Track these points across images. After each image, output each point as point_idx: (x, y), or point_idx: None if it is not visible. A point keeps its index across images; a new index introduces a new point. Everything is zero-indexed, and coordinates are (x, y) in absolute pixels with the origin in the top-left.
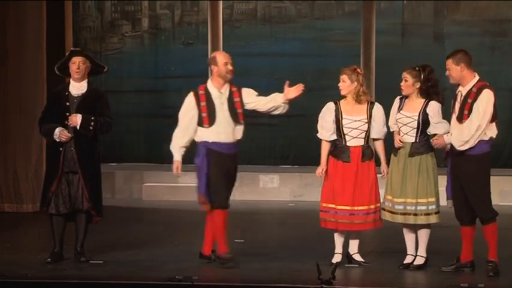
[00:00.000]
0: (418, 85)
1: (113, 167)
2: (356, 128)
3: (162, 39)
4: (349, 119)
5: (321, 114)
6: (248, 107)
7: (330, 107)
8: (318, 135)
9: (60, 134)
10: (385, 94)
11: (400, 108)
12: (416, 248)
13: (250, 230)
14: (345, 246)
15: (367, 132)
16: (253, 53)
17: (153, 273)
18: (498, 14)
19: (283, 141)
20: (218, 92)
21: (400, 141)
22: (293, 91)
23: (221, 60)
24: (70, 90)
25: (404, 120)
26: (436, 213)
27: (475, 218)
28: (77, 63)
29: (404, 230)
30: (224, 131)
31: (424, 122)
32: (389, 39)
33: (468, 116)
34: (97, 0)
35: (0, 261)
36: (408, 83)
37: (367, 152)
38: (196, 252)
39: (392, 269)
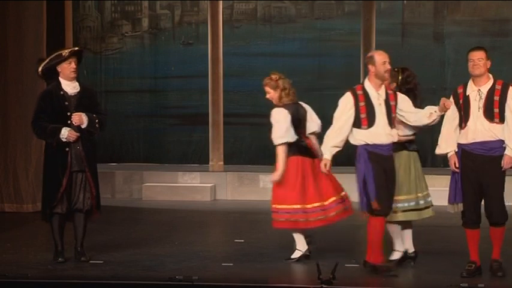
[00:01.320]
0: (393, 85)
1: (113, 167)
2: None
3: (162, 39)
4: None
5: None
6: (401, 113)
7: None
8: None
9: (68, 134)
10: None
11: None
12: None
13: (250, 230)
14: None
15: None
16: (253, 53)
17: (153, 273)
18: (498, 14)
19: None
20: (376, 92)
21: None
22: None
23: (380, 59)
24: (65, 89)
25: None
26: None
27: (480, 221)
28: (73, 63)
29: (390, 227)
30: (383, 132)
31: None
32: (389, 39)
33: (499, 114)
34: (97, 0)
35: (0, 261)
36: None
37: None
38: (196, 251)
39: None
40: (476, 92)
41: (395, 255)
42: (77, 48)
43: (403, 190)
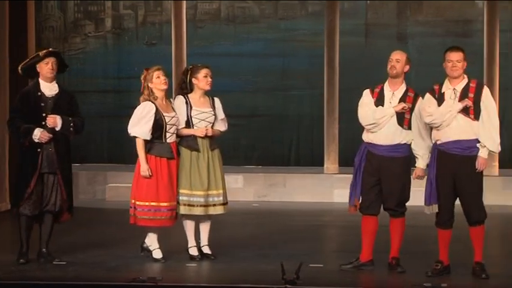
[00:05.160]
0: None
1: (77, 167)
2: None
3: (126, 40)
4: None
5: None
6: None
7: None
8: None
9: (41, 134)
10: (349, 94)
11: (191, 106)
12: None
13: (214, 230)
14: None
15: None
16: (217, 53)
17: (117, 273)
18: (461, 14)
19: (247, 142)
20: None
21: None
22: None
23: None
24: (43, 90)
25: (202, 115)
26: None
27: (454, 220)
28: (50, 64)
29: (188, 223)
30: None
31: (216, 117)
32: (353, 39)
33: (474, 111)
34: (60, 0)
35: None
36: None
37: None
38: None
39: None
40: (452, 91)
41: (192, 251)
42: (51, 49)
43: (204, 185)
